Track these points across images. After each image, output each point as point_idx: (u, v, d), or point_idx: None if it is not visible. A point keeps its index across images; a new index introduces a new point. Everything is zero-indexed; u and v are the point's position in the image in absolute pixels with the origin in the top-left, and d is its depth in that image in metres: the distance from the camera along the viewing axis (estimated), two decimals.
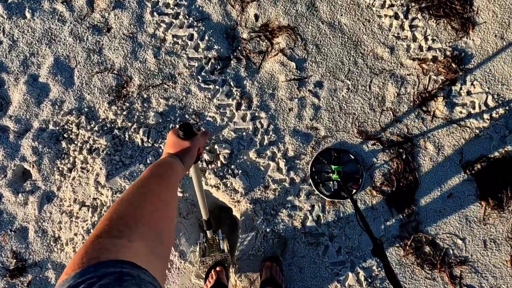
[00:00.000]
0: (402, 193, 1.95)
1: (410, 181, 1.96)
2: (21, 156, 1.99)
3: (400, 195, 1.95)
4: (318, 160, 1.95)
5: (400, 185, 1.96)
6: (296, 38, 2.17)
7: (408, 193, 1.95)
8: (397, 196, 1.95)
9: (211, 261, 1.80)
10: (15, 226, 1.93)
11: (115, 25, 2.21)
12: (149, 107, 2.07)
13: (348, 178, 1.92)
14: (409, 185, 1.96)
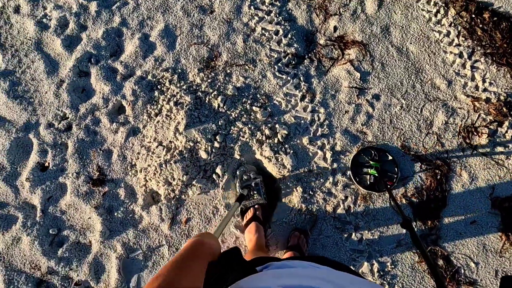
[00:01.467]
0: (429, 208, 1.82)
1: (439, 200, 1.84)
2: (122, 94, 2.03)
3: (427, 209, 1.82)
4: (359, 155, 1.81)
5: (429, 200, 1.85)
6: (365, 54, 2.10)
7: (434, 209, 1.82)
8: (423, 209, 1.82)
9: (250, 204, 1.74)
10: (104, 147, 2.03)
11: (218, 9, 2.25)
12: (230, 81, 2.09)
13: (384, 175, 1.77)
14: (437, 203, 1.83)
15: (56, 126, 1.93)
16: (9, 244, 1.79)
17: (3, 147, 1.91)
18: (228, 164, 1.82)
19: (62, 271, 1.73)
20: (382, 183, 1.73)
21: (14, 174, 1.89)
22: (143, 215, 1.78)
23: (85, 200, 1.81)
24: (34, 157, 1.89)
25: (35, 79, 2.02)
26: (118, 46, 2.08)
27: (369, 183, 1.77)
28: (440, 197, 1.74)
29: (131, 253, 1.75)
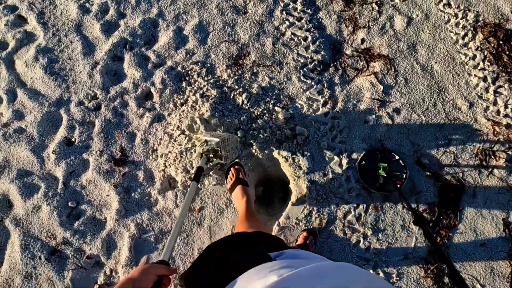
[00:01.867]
0: (439, 225, 1.81)
1: (450, 218, 1.81)
2: (151, 81, 2.04)
3: (437, 226, 1.81)
4: (365, 158, 1.78)
5: (440, 218, 1.82)
6: (390, 68, 2.09)
7: (445, 227, 1.81)
8: (434, 225, 1.81)
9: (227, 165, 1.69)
10: (129, 130, 2.04)
11: (251, 11, 2.27)
12: (255, 80, 2.10)
13: (393, 175, 1.75)
14: (448, 221, 1.81)
15: (86, 105, 1.97)
16: (29, 211, 1.81)
17: (35, 119, 1.95)
18: (246, 160, 1.83)
19: (76, 243, 1.75)
20: (391, 183, 1.70)
21: (41, 146, 1.93)
22: (159, 199, 1.79)
23: (105, 178, 1.83)
24: (62, 132, 1.93)
25: (71, 59, 2.07)
26: (152, 36, 2.12)
27: (378, 184, 1.74)
28: (452, 215, 1.71)
29: (143, 234, 1.76)
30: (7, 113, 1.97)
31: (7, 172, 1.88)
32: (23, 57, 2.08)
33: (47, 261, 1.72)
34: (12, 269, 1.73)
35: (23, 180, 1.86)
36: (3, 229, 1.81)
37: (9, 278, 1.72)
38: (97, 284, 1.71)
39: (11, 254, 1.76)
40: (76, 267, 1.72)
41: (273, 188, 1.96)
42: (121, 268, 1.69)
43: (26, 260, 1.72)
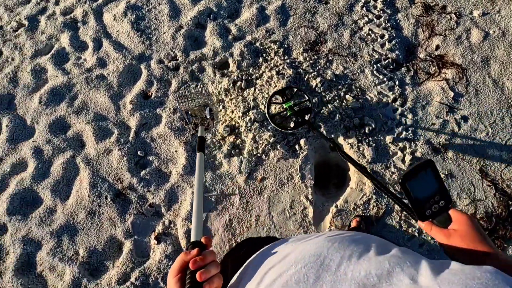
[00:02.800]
0: (495, 234, 1.74)
1: (507, 230, 1.74)
2: (230, 52, 1.97)
3: (493, 235, 1.73)
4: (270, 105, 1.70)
5: (496, 228, 1.75)
6: (462, 77, 2.02)
7: (500, 238, 1.73)
8: (489, 234, 1.74)
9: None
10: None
11: (333, 2, 2.20)
12: (329, 67, 2.03)
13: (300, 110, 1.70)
14: (505, 232, 1.73)
15: (166, 64, 1.95)
16: (100, 153, 1.80)
17: (117, 69, 1.94)
18: (311, 140, 1.79)
19: (140, 190, 1.73)
20: (301, 119, 1.63)
21: (119, 95, 1.91)
22: (224, 162, 1.76)
23: (176, 134, 1.81)
24: (141, 85, 1.91)
25: (157, 19, 2.05)
26: (235, 10, 2.09)
27: (294, 124, 1.68)
28: (509, 227, 1.63)
29: (205, 192, 1.73)
30: (91, 60, 1.97)
31: (84, 113, 1.88)
32: (113, 10, 2.07)
33: (112, 202, 1.71)
34: (78, 204, 1.72)
35: (99, 123, 1.85)
36: (73, 166, 1.80)
37: (74, 211, 1.71)
38: (154, 232, 1.69)
39: (78, 190, 1.75)
40: (137, 212, 1.70)
41: (329, 173, 1.91)
42: (180, 221, 1.66)
43: (93, 197, 1.71)
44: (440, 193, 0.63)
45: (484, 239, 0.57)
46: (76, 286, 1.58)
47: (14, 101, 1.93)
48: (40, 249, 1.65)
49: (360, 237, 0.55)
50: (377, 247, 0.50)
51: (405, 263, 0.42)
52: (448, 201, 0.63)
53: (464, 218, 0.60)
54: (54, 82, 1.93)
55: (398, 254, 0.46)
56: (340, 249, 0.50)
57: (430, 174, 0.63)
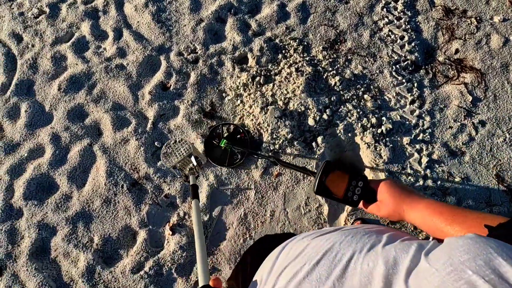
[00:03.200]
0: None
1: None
2: (250, 47, 1.90)
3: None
4: (209, 146, 1.69)
5: None
6: (480, 81, 1.97)
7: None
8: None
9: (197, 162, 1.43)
10: (221, 87, 1.96)
11: (353, 2, 2.15)
12: (348, 66, 1.98)
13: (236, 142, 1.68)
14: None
15: (185, 56, 1.91)
16: (117, 142, 1.77)
17: (136, 59, 1.90)
18: (328, 138, 1.75)
19: (156, 180, 1.70)
20: (237, 148, 1.61)
21: (138, 85, 1.88)
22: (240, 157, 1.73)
23: (193, 126, 1.77)
24: (160, 76, 1.87)
25: (178, 12, 2.01)
26: (256, 6, 2.05)
27: (240, 158, 1.67)
28: None
29: (221, 185, 1.69)
30: (111, 49, 1.93)
31: (102, 102, 1.84)
32: (134, 1, 2.03)
33: (128, 191, 1.67)
34: (94, 191, 1.69)
35: (117, 113, 1.81)
36: (90, 154, 1.77)
37: (89, 199, 1.68)
38: (169, 223, 1.66)
39: (95, 178, 1.72)
40: (153, 202, 1.66)
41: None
42: None
43: (109, 185, 1.68)
44: (354, 178, 0.66)
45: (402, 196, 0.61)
46: (90, 273, 1.55)
47: (33, 87, 1.90)
48: (55, 235, 1.62)
49: (374, 230, 0.55)
50: (388, 237, 0.50)
51: (411, 247, 0.42)
52: (364, 179, 0.67)
53: (382, 186, 0.64)
54: (73, 70, 1.90)
55: (405, 241, 0.46)
56: (353, 242, 0.49)
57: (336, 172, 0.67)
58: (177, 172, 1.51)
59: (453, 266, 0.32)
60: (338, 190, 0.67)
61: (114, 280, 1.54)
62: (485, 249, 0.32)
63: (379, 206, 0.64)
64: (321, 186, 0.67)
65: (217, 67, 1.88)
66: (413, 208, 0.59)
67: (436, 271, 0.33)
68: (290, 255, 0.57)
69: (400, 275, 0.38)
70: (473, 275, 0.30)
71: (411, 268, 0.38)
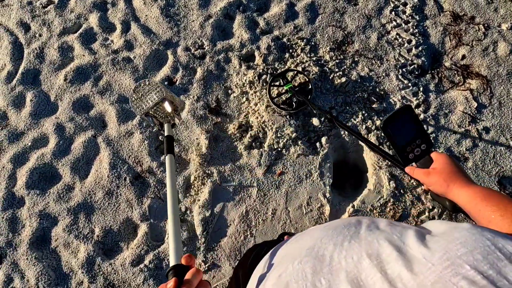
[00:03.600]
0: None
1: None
2: (257, 45, 1.88)
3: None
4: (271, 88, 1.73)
5: None
6: (486, 88, 1.97)
7: None
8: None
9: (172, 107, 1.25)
10: (227, 84, 1.97)
11: (362, 3, 2.14)
12: (355, 67, 1.97)
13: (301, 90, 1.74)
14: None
15: (193, 52, 1.91)
16: (121, 134, 1.77)
17: (143, 52, 1.90)
18: (332, 139, 1.75)
19: (159, 174, 1.70)
20: (301, 97, 1.62)
21: (144, 78, 1.87)
22: (244, 154, 1.73)
23: (198, 122, 1.77)
24: (166, 70, 1.87)
25: (187, 7, 2.01)
26: (265, 4, 2.05)
27: (295, 105, 1.71)
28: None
29: (224, 182, 1.69)
30: (118, 42, 1.93)
31: (108, 94, 1.84)
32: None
33: (131, 184, 1.67)
34: (97, 183, 1.69)
35: (122, 105, 1.81)
36: (94, 145, 1.77)
37: (92, 190, 1.68)
38: None
39: (98, 169, 1.72)
40: (155, 196, 1.67)
41: (347, 173, 1.87)
42: (197, 208, 1.63)
43: (112, 177, 1.68)
44: (421, 137, 0.64)
45: (458, 172, 0.60)
46: (90, 264, 1.55)
47: (39, 76, 1.90)
48: (56, 225, 1.62)
49: (352, 219, 0.54)
50: (367, 226, 0.49)
51: (393, 236, 0.41)
52: (429, 144, 0.64)
53: (442, 157, 0.62)
54: (80, 61, 1.90)
55: (386, 229, 0.45)
56: (334, 236, 0.48)
57: (409, 119, 0.64)
58: (150, 120, 1.29)
59: (450, 261, 0.31)
60: (401, 138, 0.63)
61: (114, 272, 1.54)
62: (482, 241, 0.32)
63: (430, 173, 0.62)
64: (391, 121, 0.63)
65: (224, 64, 1.88)
66: (465, 188, 0.57)
67: (433, 266, 0.32)
68: (275, 260, 0.56)
69: (391, 266, 0.36)
70: (471, 270, 0.29)
71: (402, 258, 0.36)
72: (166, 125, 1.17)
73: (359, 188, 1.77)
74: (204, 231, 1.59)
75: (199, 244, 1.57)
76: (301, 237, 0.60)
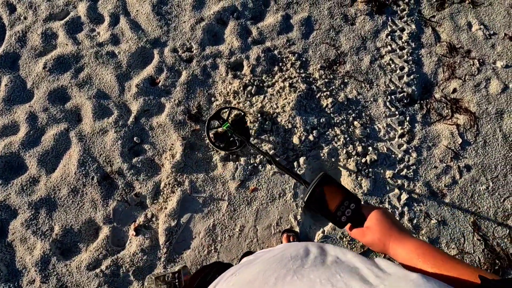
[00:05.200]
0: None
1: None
2: (246, 54, 1.82)
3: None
4: (210, 123, 1.68)
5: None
6: (473, 125, 1.93)
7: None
8: None
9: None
10: (211, 91, 1.84)
11: (359, 24, 2.04)
12: (343, 89, 1.92)
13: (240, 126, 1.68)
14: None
15: (180, 54, 1.86)
16: (95, 131, 1.71)
17: (129, 49, 1.85)
18: (311, 160, 1.71)
19: (129, 177, 1.64)
20: (239, 137, 1.57)
21: (126, 76, 1.82)
22: (219, 165, 1.68)
23: (176, 127, 1.72)
24: (150, 70, 1.82)
25: (180, 7, 1.96)
26: (260, 13, 2.00)
27: (239, 143, 1.65)
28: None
29: (194, 192, 1.65)
30: (105, 34, 1.87)
31: (87, 88, 1.79)
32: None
33: (98, 184, 1.62)
34: (63, 179, 1.63)
35: (100, 101, 1.76)
36: (65, 139, 1.71)
37: (57, 186, 1.62)
38: (135, 223, 1.61)
39: (66, 165, 1.66)
40: (121, 199, 1.61)
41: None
42: (163, 217, 1.58)
43: (79, 175, 1.62)
44: (347, 198, 0.64)
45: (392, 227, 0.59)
46: (44, 263, 1.50)
47: (19, 61, 1.84)
48: (15, 218, 1.57)
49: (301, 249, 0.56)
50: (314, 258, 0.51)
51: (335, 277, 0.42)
52: (357, 201, 0.65)
53: (374, 213, 0.62)
54: (62, 50, 1.84)
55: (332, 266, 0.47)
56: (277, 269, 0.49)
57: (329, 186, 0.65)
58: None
59: None
60: (329, 205, 0.64)
61: (68, 274, 1.49)
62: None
63: (365, 232, 0.62)
64: (312, 197, 0.64)
65: (210, 70, 1.83)
66: (401, 244, 0.57)
67: None
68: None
69: None
70: None
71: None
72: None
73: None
74: (167, 241, 1.54)
75: (161, 254, 1.53)
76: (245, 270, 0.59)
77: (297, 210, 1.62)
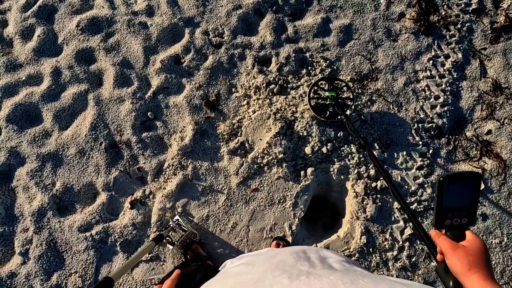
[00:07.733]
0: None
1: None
2: (277, 51, 1.76)
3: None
4: (315, 90, 1.70)
5: None
6: (500, 173, 1.75)
7: None
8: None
9: (181, 243, 1.45)
10: (233, 81, 1.89)
11: (401, 42, 1.89)
12: (369, 106, 1.71)
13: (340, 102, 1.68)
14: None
15: (210, 38, 1.84)
16: (113, 98, 1.73)
17: (162, 23, 1.84)
18: (319, 172, 1.66)
19: (135, 150, 1.66)
20: (338, 110, 1.57)
21: (153, 49, 1.82)
22: (225, 157, 1.66)
23: (191, 110, 1.71)
24: (177, 48, 1.81)
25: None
26: (300, 11, 1.94)
27: (328, 113, 1.66)
28: None
29: (196, 179, 1.64)
30: (141, 4, 1.87)
31: (113, 54, 1.80)
32: None
33: (105, 150, 1.65)
34: (73, 138, 1.67)
35: (123, 69, 1.77)
36: (83, 100, 1.75)
37: (66, 144, 1.67)
38: (132, 196, 1.63)
39: (79, 125, 1.70)
40: (124, 170, 1.64)
41: (323, 211, 1.79)
42: (160, 196, 1.59)
43: (89, 138, 1.66)
44: (468, 210, 0.59)
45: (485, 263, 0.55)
46: (40, 215, 1.55)
47: (55, 15, 1.87)
48: (22, 166, 1.62)
49: (301, 253, 0.60)
50: (321, 262, 0.57)
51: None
52: (472, 221, 0.60)
53: (477, 240, 0.58)
54: (98, 12, 1.86)
55: (340, 267, 0.54)
56: (286, 270, 0.54)
57: (470, 187, 0.59)
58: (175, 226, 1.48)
59: None
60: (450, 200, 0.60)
61: (60, 230, 1.53)
62: None
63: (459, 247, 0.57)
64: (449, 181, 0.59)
65: (237, 60, 1.80)
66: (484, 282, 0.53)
67: None
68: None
69: None
70: None
71: None
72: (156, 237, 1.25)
73: (330, 231, 1.69)
74: (158, 221, 1.55)
75: (150, 233, 1.54)
76: (245, 268, 0.63)
77: (294, 220, 1.58)
